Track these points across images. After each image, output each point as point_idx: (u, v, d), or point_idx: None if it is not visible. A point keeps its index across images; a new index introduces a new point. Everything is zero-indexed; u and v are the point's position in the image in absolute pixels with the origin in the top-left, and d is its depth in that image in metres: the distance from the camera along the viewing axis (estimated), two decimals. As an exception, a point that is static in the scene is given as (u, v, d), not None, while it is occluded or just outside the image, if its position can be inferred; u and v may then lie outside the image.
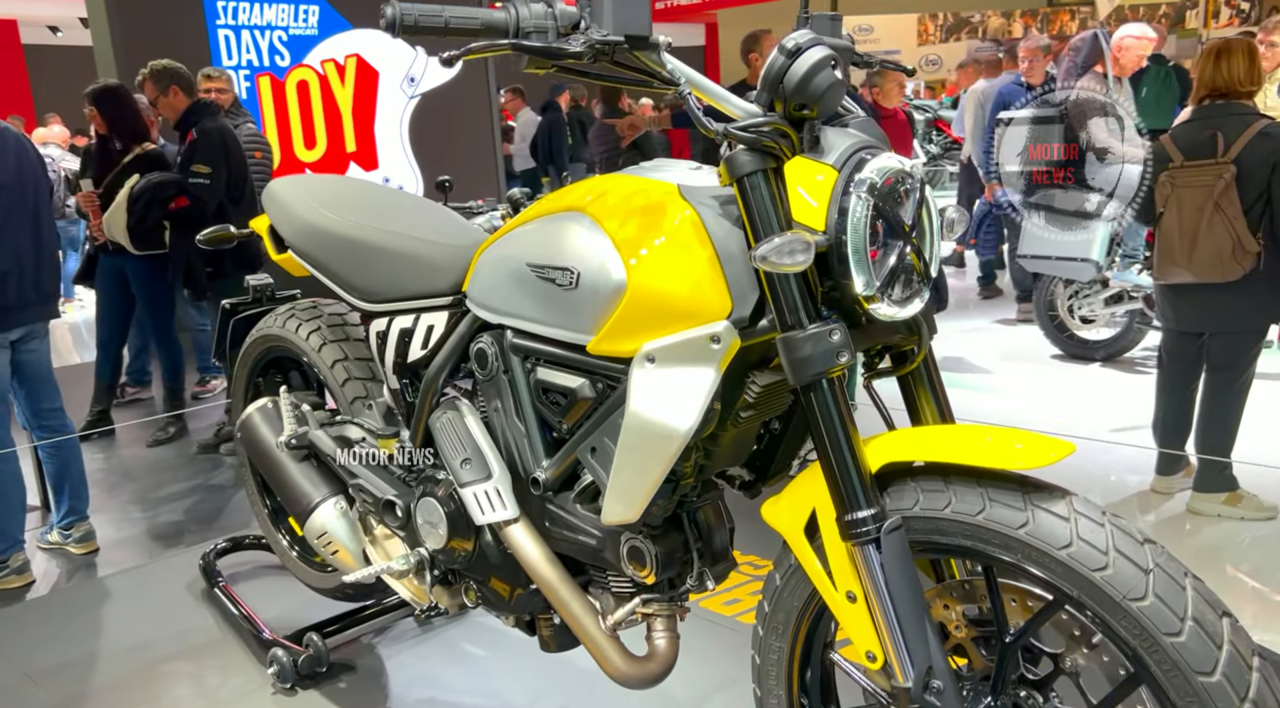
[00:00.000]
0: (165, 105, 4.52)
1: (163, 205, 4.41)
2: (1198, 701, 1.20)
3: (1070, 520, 1.29)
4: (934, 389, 1.58)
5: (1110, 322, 5.44)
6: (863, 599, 1.42)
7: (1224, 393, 3.41)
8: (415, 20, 1.34)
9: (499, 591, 1.92)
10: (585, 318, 1.60)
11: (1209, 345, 3.43)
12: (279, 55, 8.06)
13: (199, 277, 4.50)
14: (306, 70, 8.10)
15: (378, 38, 8.35)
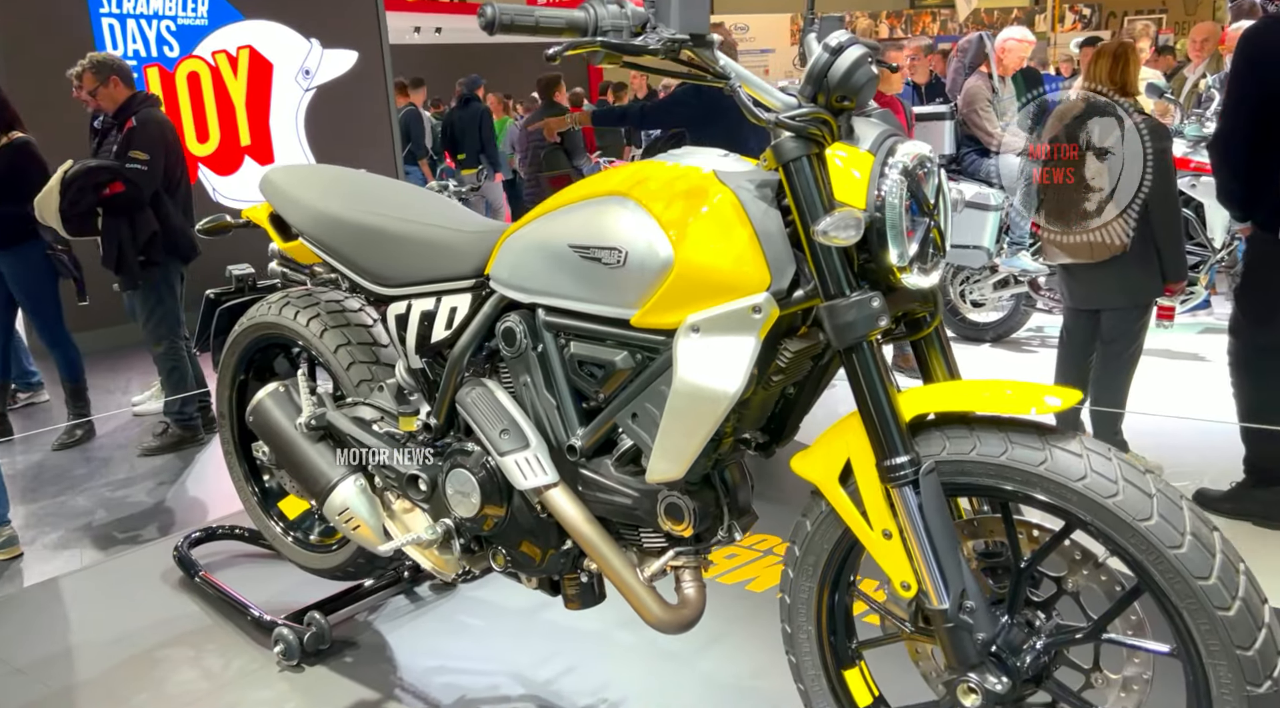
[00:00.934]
0: (105, 96, 4.45)
1: (96, 190, 4.31)
2: (1196, 601, 1.43)
3: (1083, 456, 1.51)
4: (944, 352, 1.78)
5: (998, 305, 5.83)
6: (898, 536, 1.61)
7: (1114, 364, 3.76)
8: (511, 19, 1.47)
9: (530, 553, 2.04)
10: (630, 293, 1.75)
11: (1101, 321, 3.78)
12: (167, 46, 7.87)
13: (130, 264, 4.42)
14: (197, 62, 7.93)
15: (271, 29, 8.23)
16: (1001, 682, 1.58)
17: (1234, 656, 1.42)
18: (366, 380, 2.37)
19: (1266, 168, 2.97)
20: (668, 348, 1.75)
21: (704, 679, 2.36)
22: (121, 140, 4.39)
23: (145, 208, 4.38)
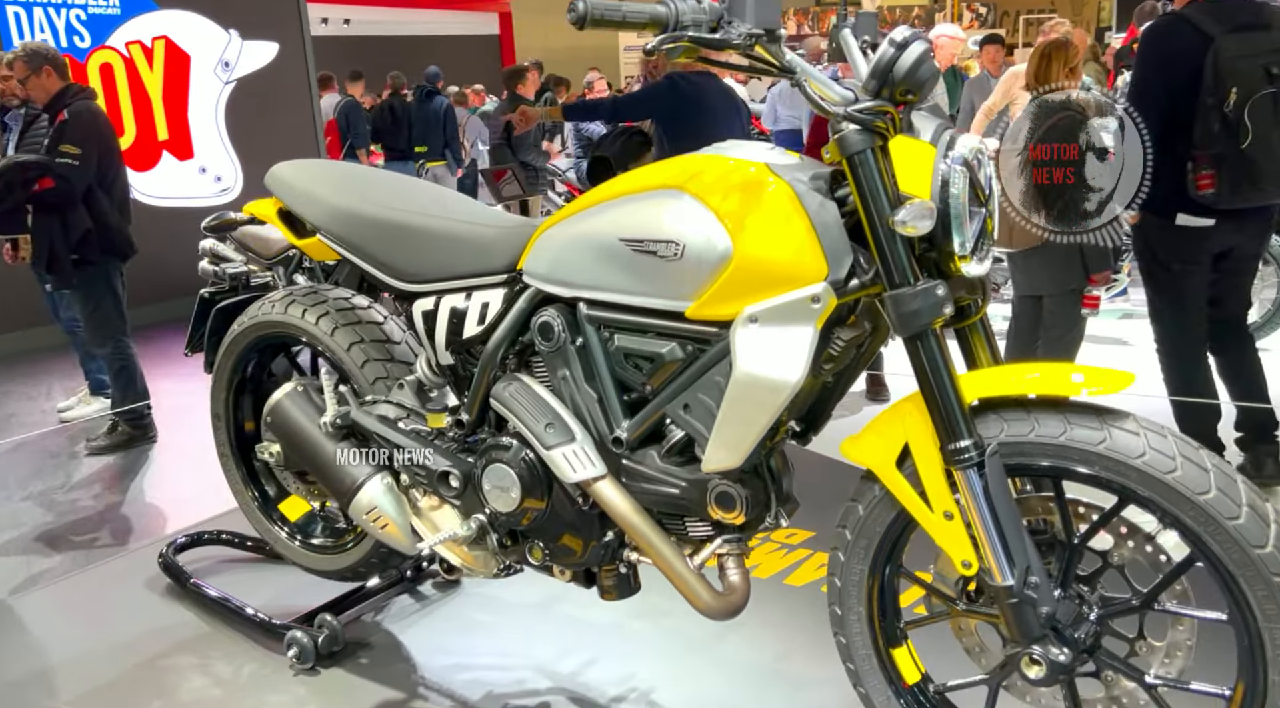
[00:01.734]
0: (36, 86, 4.27)
1: (25, 186, 4.14)
2: (1254, 569, 1.52)
3: (1140, 435, 1.58)
4: (988, 338, 1.84)
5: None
6: (959, 517, 1.67)
7: (1054, 349, 3.93)
8: (601, 14, 1.48)
9: (570, 546, 2.05)
10: (686, 286, 1.77)
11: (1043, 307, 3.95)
12: (78, 36, 7.59)
13: (63, 264, 4.26)
14: (110, 53, 7.66)
15: (187, 19, 7.99)
16: (1063, 653, 1.65)
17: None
18: (382, 378, 2.34)
19: (1171, 154, 3.09)
20: (721, 339, 1.78)
21: (726, 665, 2.40)
22: (53, 134, 4.23)
23: (78, 205, 4.22)
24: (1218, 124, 2.97)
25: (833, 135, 1.65)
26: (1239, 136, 2.97)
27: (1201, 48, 3.01)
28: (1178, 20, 3.13)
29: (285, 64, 8.48)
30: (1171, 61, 3.09)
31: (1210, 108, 2.97)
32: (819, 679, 2.32)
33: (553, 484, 2.02)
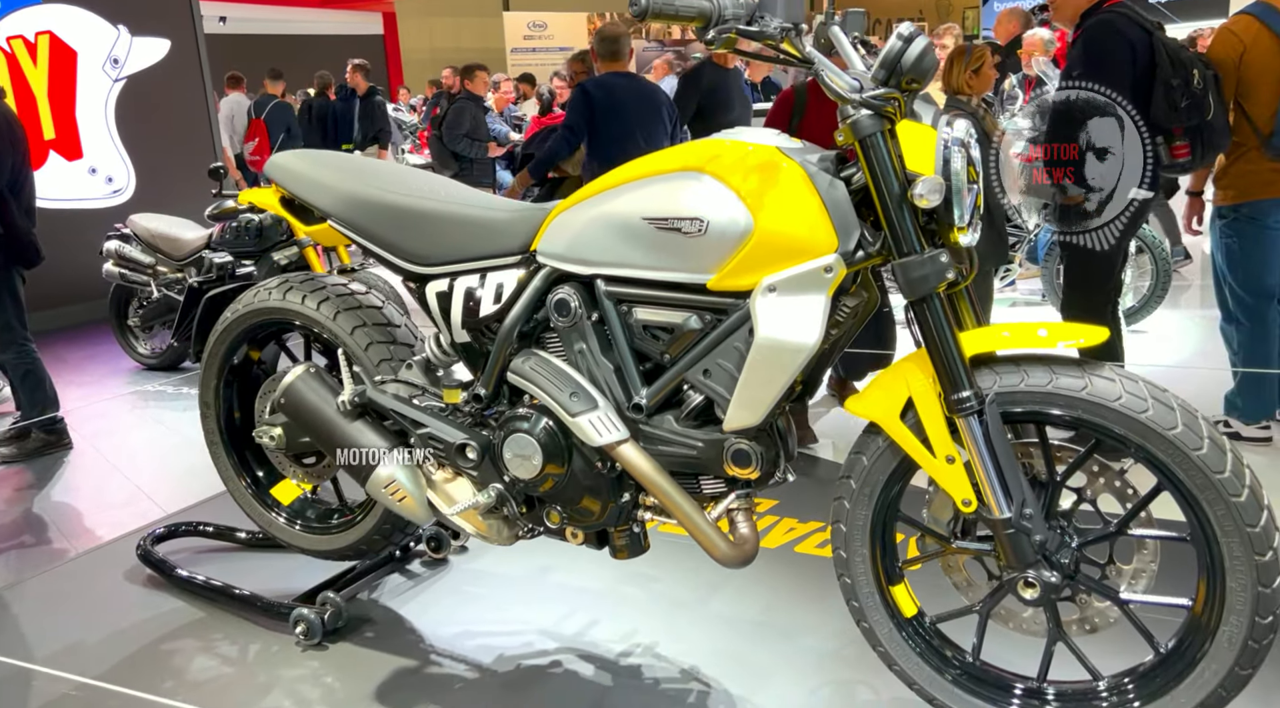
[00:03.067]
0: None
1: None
2: (1215, 491, 1.76)
3: (1116, 381, 1.82)
4: (972, 303, 2.06)
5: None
6: (959, 460, 1.88)
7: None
8: (660, 8, 1.65)
9: (589, 508, 2.19)
10: (709, 259, 1.94)
11: None
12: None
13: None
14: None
15: (73, 14, 7.76)
16: (1054, 575, 1.88)
17: (1245, 533, 1.76)
18: (386, 360, 2.44)
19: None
20: (739, 308, 1.96)
21: (717, 621, 2.57)
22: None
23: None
24: (1186, 101, 3.30)
25: (843, 121, 1.85)
26: (1204, 111, 3.32)
27: (1147, 39, 3.34)
28: (1122, 16, 3.43)
29: (178, 61, 8.30)
30: (1132, 48, 3.39)
31: (1176, 88, 3.29)
32: (804, 628, 2.51)
33: (572, 450, 2.16)
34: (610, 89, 4.96)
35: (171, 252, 5.79)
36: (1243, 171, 3.51)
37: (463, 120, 7.27)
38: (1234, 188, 3.54)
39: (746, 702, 2.23)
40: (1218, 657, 1.83)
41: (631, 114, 4.91)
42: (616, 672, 2.37)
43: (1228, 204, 3.58)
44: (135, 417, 4.86)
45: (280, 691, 2.36)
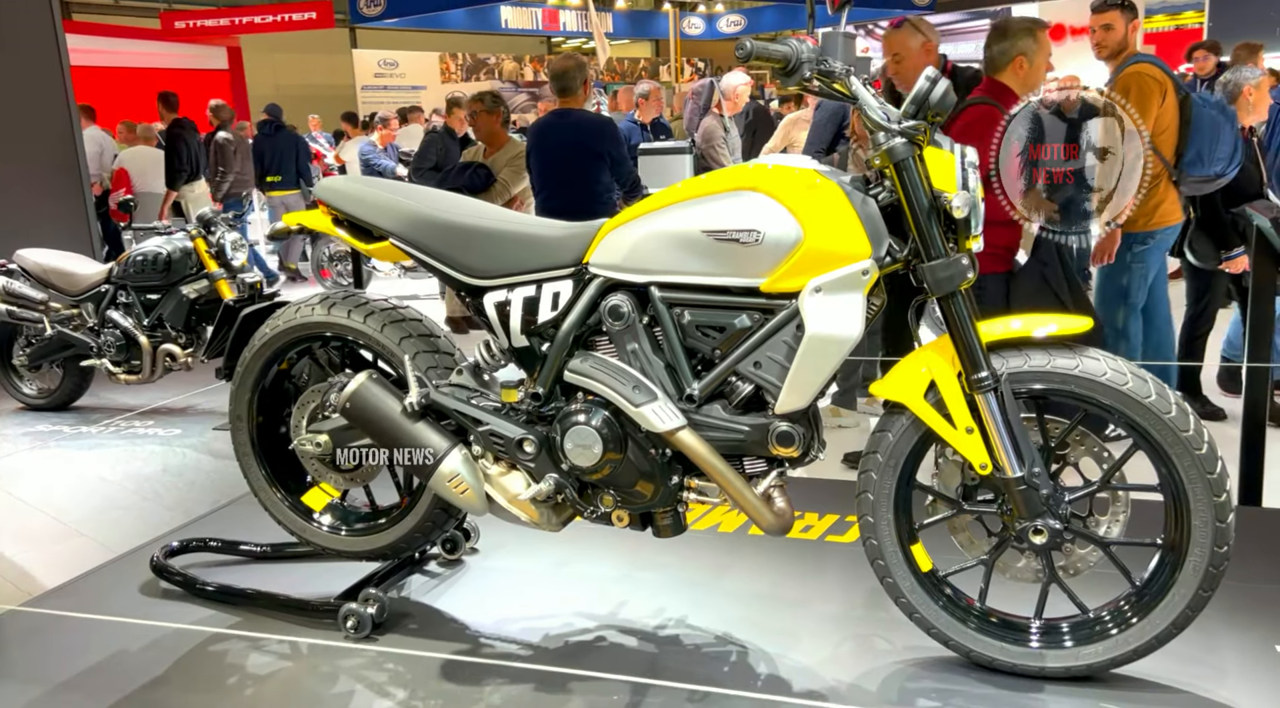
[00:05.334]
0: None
1: None
2: (1182, 446, 2.19)
3: (1101, 360, 2.23)
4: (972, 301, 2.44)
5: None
6: (977, 431, 2.25)
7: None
8: (759, 53, 1.98)
9: (643, 491, 2.46)
10: (763, 265, 2.26)
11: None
12: None
13: None
14: None
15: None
16: (1058, 523, 2.27)
17: (1206, 479, 2.19)
18: (433, 367, 2.64)
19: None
20: (786, 308, 2.29)
21: (733, 595, 2.87)
22: None
23: None
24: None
25: (875, 148, 2.21)
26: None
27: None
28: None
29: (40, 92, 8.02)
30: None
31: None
32: (812, 598, 2.84)
33: (628, 439, 2.43)
34: (539, 130, 5.17)
35: (66, 287, 5.69)
36: (1155, 202, 4.09)
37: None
38: (1145, 216, 4.11)
39: (783, 658, 2.53)
40: (1185, 583, 2.25)
41: (556, 155, 5.01)
42: (658, 641, 2.63)
43: (1141, 231, 4.15)
44: (39, 457, 4.81)
45: (347, 677, 2.51)
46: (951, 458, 2.41)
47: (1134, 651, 2.31)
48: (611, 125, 5.21)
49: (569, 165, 4.98)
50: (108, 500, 4.29)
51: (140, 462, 4.88)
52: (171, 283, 5.75)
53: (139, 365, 5.67)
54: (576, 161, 4.97)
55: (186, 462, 5.09)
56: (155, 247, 5.78)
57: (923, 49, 3.92)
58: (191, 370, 5.85)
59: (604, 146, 4.98)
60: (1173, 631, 2.28)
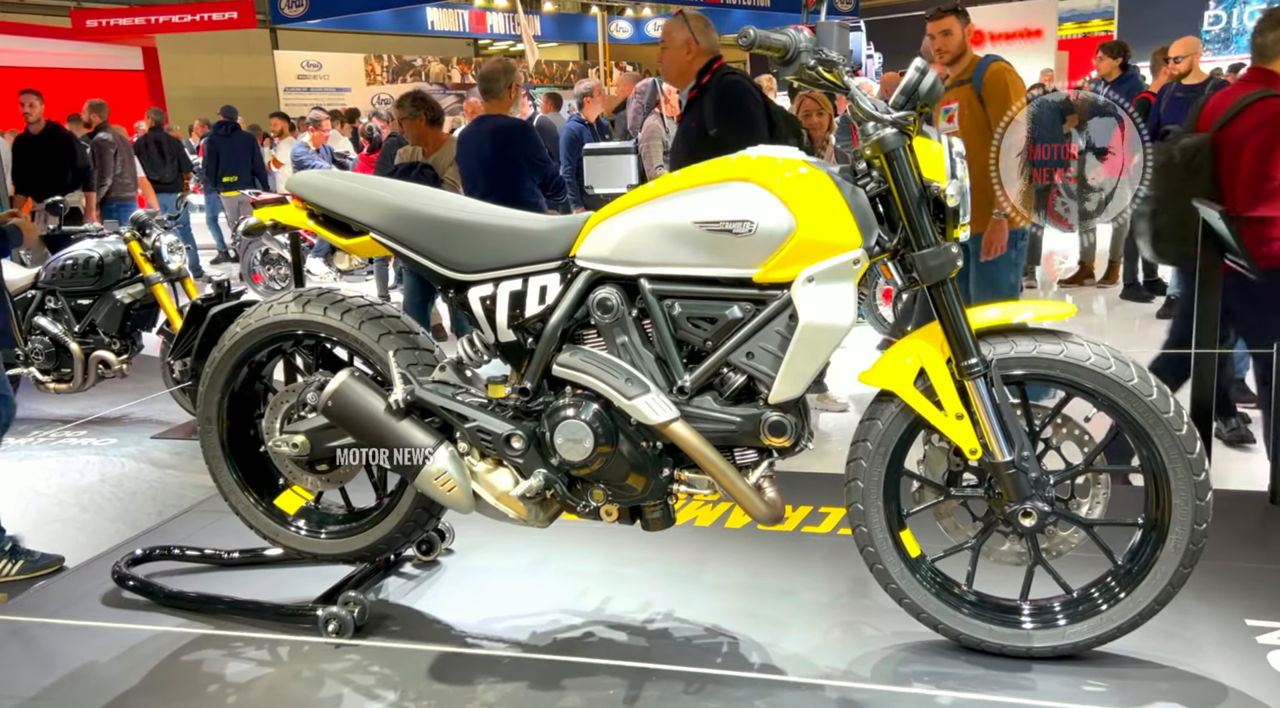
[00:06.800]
0: None
1: None
2: (1163, 427, 2.26)
3: (1085, 346, 2.29)
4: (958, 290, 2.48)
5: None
6: (967, 417, 2.29)
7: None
8: (762, 41, 1.98)
9: (633, 484, 2.45)
10: (755, 256, 2.27)
11: None
12: None
13: None
14: None
15: None
16: (1045, 507, 2.31)
17: (1186, 459, 2.26)
18: (413, 364, 2.60)
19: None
20: (778, 298, 2.30)
21: (717, 586, 2.87)
22: None
23: None
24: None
25: (865, 138, 2.24)
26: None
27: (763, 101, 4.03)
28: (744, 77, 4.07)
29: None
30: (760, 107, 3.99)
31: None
32: (795, 587, 2.86)
33: (619, 432, 2.41)
34: (462, 138, 5.06)
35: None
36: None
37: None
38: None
39: (774, 647, 2.53)
40: (1167, 560, 2.32)
41: (477, 164, 4.91)
42: (648, 634, 2.62)
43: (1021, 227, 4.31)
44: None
45: (334, 681, 2.46)
46: (938, 444, 2.45)
47: (1118, 628, 2.37)
48: (527, 128, 5.12)
49: (490, 173, 4.86)
50: (44, 514, 4.15)
51: (76, 473, 4.73)
52: (104, 287, 5.57)
53: (70, 374, 5.50)
54: (497, 168, 4.86)
55: (126, 472, 4.94)
56: (86, 250, 5.60)
57: (685, 45, 3.93)
58: (126, 378, 5.69)
59: (520, 151, 4.87)
60: (1155, 607, 2.35)
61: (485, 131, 4.94)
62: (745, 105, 3.82)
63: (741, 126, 3.77)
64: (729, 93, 3.83)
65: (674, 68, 4.04)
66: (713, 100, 3.85)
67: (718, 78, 3.89)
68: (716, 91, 3.85)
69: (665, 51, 4.06)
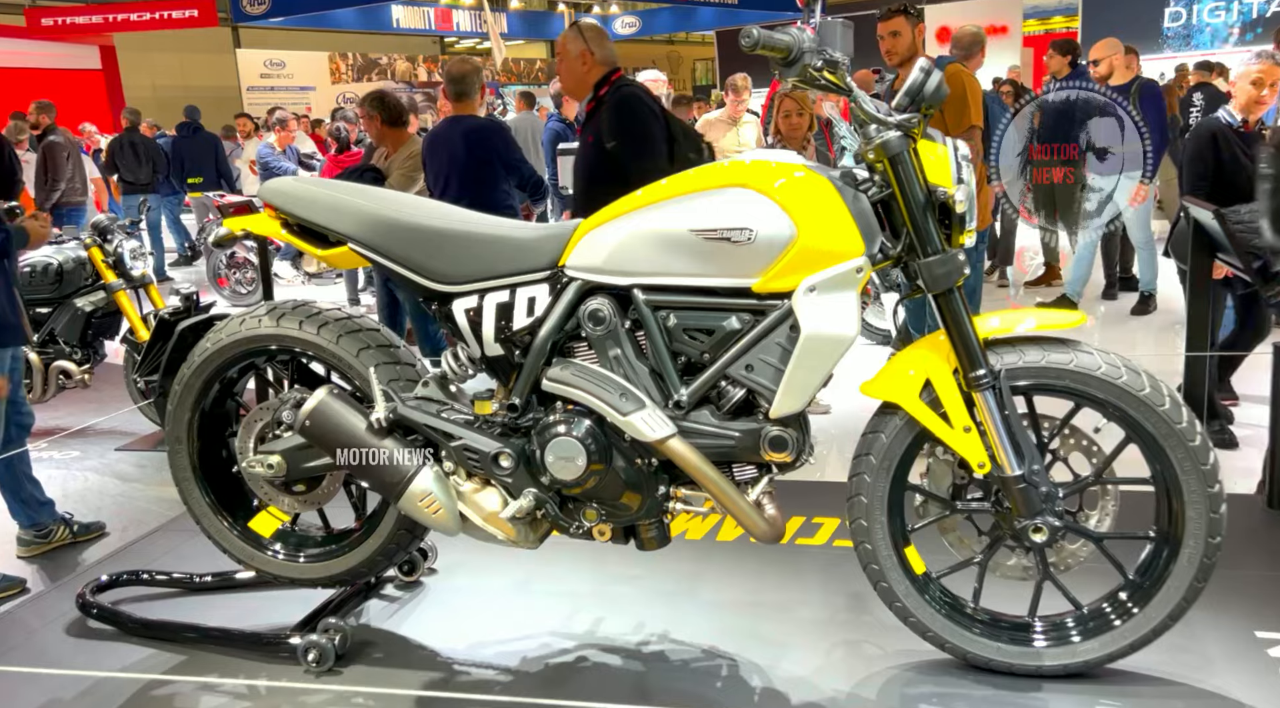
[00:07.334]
0: None
1: None
2: (1176, 437, 2.18)
3: (1095, 355, 2.21)
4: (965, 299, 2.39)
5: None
6: (975, 430, 2.21)
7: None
8: (765, 41, 1.89)
9: (628, 503, 2.35)
10: (755, 265, 2.17)
11: None
12: None
13: None
14: None
15: None
16: (1056, 522, 2.24)
17: (1200, 471, 2.19)
18: (394, 380, 2.48)
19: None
20: (777, 308, 2.20)
21: (712, 605, 2.78)
22: None
23: None
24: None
25: (867, 142, 2.15)
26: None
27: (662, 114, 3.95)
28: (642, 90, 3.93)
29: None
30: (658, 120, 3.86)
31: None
32: (793, 603, 2.77)
33: (613, 450, 2.31)
34: (431, 140, 4.92)
35: None
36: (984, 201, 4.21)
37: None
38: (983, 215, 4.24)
39: (774, 668, 2.44)
40: (1180, 575, 2.25)
41: (449, 166, 4.75)
42: (643, 659, 2.52)
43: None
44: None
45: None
46: (943, 457, 2.36)
47: (1130, 644, 2.30)
48: (502, 129, 4.99)
49: (462, 174, 4.71)
50: (4, 532, 3.98)
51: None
52: (64, 295, 5.41)
53: (29, 384, 5.32)
54: (470, 170, 4.72)
55: (90, 486, 4.79)
56: (45, 257, 5.43)
57: (580, 57, 3.83)
58: (88, 388, 5.52)
59: (495, 152, 4.75)
60: (1168, 622, 2.28)
61: (458, 133, 4.80)
62: (641, 118, 3.70)
63: (638, 140, 3.67)
64: (624, 106, 3.71)
65: (570, 79, 3.92)
66: (609, 114, 3.73)
67: (614, 90, 3.78)
68: (612, 105, 3.74)
69: (561, 63, 3.94)
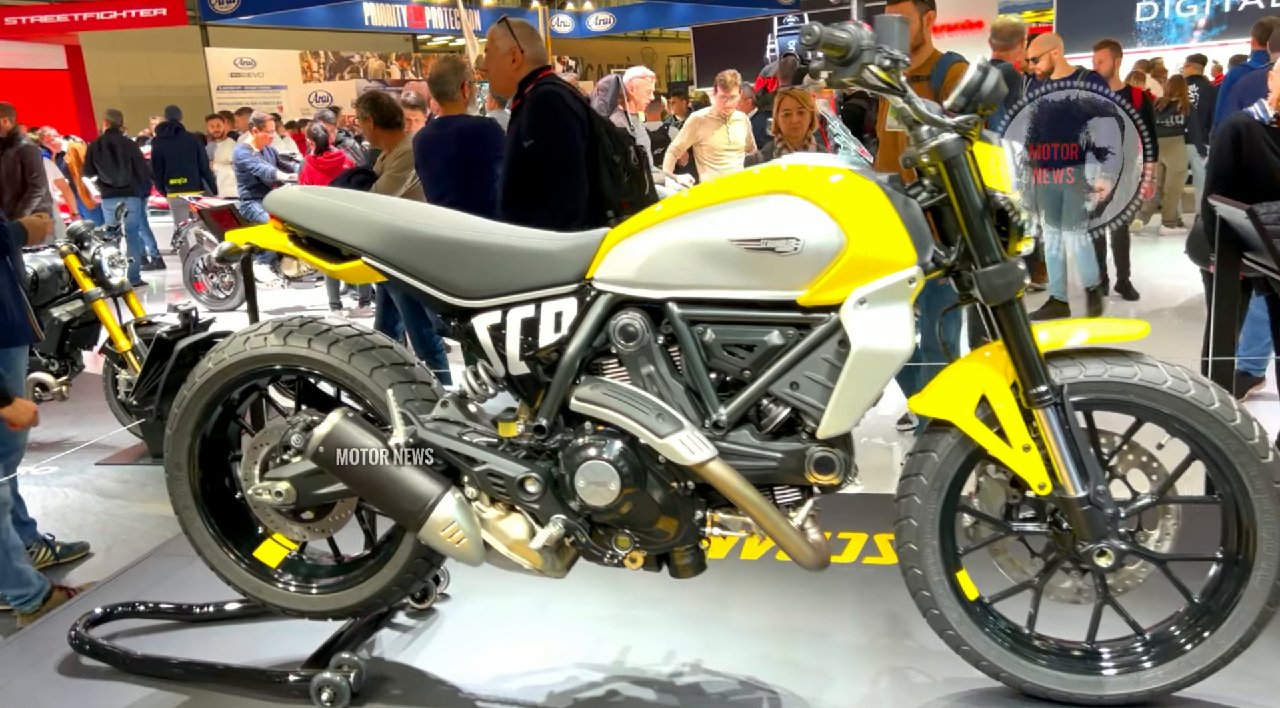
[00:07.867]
0: None
1: None
2: (1248, 455, 2.06)
3: (1159, 367, 2.09)
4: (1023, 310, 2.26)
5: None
6: (1035, 448, 2.08)
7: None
8: (826, 39, 1.75)
9: (664, 528, 2.21)
10: (801, 276, 2.03)
11: None
12: None
13: None
14: None
15: None
16: (1122, 545, 2.11)
17: (1273, 489, 2.07)
18: (410, 400, 2.33)
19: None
20: (824, 322, 2.07)
21: (744, 630, 2.64)
22: None
23: None
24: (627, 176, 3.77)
25: (918, 144, 2.01)
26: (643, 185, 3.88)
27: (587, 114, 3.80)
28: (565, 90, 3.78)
29: None
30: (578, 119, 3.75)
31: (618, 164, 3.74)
32: (830, 628, 2.63)
33: (647, 473, 2.17)
34: (421, 143, 4.75)
35: None
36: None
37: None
38: None
39: (819, 701, 2.31)
40: (1251, 599, 2.13)
41: (442, 169, 4.61)
42: (679, 692, 2.38)
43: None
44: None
45: (333, 763, 2.18)
46: (994, 476, 2.24)
47: (1198, 672, 2.18)
48: (496, 128, 4.80)
49: (457, 178, 4.54)
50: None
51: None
52: (40, 305, 5.21)
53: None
54: (465, 173, 4.55)
55: (70, 503, 4.63)
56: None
57: (509, 53, 3.75)
58: (66, 400, 5.33)
59: (489, 152, 4.56)
60: (1238, 648, 2.16)
61: (450, 134, 4.63)
62: (559, 117, 3.60)
63: (553, 138, 3.58)
64: (541, 104, 3.62)
65: (499, 76, 3.84)
66: (526, 112, 3.64)
67: (535, 88, 3.67)
68: (530, 103, 3.64)
69: (490, 60, 3.86)
